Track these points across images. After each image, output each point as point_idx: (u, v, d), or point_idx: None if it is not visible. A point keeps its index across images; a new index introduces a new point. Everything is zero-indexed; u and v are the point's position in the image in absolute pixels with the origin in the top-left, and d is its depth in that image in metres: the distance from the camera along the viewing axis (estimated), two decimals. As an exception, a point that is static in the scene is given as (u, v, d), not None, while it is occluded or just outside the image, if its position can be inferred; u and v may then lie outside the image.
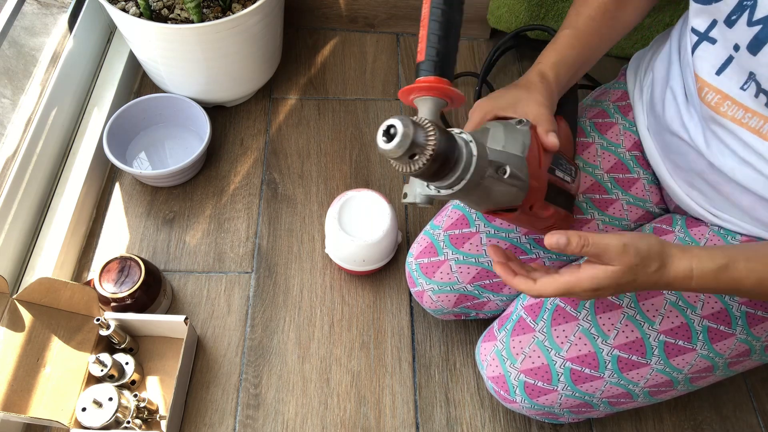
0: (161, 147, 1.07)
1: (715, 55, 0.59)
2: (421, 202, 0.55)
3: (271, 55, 1.10)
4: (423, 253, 0.79)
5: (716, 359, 0.66)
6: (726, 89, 0.59)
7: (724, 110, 0.59)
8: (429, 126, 0.47)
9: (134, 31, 0.95)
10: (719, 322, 0.65)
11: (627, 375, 0.66)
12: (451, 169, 0.50)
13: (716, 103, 0.60)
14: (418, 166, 0.47)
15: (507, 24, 1.21)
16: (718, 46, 0.59)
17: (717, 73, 0.59)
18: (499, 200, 0.55)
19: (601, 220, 0.77)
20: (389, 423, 0.86)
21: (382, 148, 0.46)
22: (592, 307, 0.68)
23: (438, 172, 0.49)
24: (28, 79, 1.01)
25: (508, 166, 0.53)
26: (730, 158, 0.61)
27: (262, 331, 0.92)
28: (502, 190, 0.54)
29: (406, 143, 0.45)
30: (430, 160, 0.46)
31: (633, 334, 0.66)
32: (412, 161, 0.47)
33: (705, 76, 0.60)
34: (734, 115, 0.59)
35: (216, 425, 0.84)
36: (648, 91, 0.74)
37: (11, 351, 0.76)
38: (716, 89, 0.60)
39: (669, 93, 0.69)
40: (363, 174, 1.09)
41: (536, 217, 0.61)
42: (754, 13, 0.54)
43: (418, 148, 0.46)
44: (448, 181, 0.50)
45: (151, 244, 0.99)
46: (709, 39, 0.60)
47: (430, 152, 0.46)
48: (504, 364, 0.70)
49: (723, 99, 0.59)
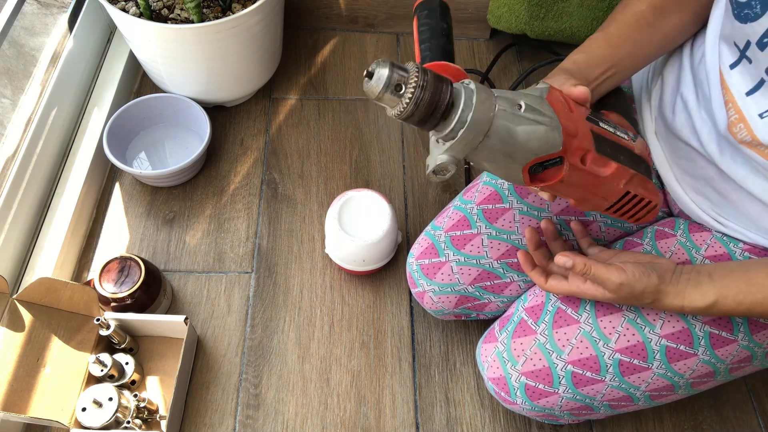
0: (161, 147, 1.07)
1: (751, 75, 0.57)
2: (442, 163, 0.48)
3: (271, 55, 1.10)
4: (424, 254, 0.79)
5: (718, 365, 0.66)
6: (747, 112, 0.57)
7: (736, 131, 0.58)
8: (411, 64, 0.46)
9: (134, 31, 0.94)
10: (721, 328, 0.65)
11: (628, 379, 0.66)
12: (450, 109, 0.46)
13: (732, 122, 0.58)
14: (406, 100, 0.45)
15: (507, 24, 1.20)
16: (753, 67, 0.57)
17: (747, 94, 0.57)
18: (532, 146, 0.49)
19: (602, 222, 0.77)
20: (389, 423, 0.86)
21: (366, 87, 0.45)
22: (593, 311, 0.68)
23: (433, 114, 0.46)
24: (28, 79, 1.01)
25: (522, 100, 0.48)
26: (743, 167, 0.60)
27: (262, 331, 0.92)
28: (527, 130, 0.48)
29: (386, 77, 0.44)
30: (417, 92, 0.44)
31: (634, 337, 0.66)
32: (400, 97, 0.45)
33: (735, 94, 0.58)
34: (743, 138, 0.58)
35: (216, 425, 0.84)
36: (657, 96, 0.74)
37: (11, 351, 0.76)
38: (738, 109, 0.57)
39: (679, 99, 0.68)
40: (363, 174, 1.09)
41: (598, 177, 0.54)
42: None
43: (401, 81, 0.44)
44: (451, 124, 0.46)
45: (151, 244, 0.99)
46: (747, 58, 0.57)
47: (413, 82, 0.44)
48: (505, 365, 0.70)
49: (739, 120, 0.57)
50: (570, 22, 1.18)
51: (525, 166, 0.50)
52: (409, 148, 1.13)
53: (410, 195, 1.08)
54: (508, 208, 0.77)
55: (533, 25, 1.19)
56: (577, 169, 0.52)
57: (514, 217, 0.76)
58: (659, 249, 0.71)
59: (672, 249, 0.70)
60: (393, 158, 1.12)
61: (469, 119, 0.46)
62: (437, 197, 1.07)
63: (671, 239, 0.71)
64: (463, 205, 0.80)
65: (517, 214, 0.76)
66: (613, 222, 0.77)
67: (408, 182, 1.09)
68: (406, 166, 1.11)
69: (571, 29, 1.19)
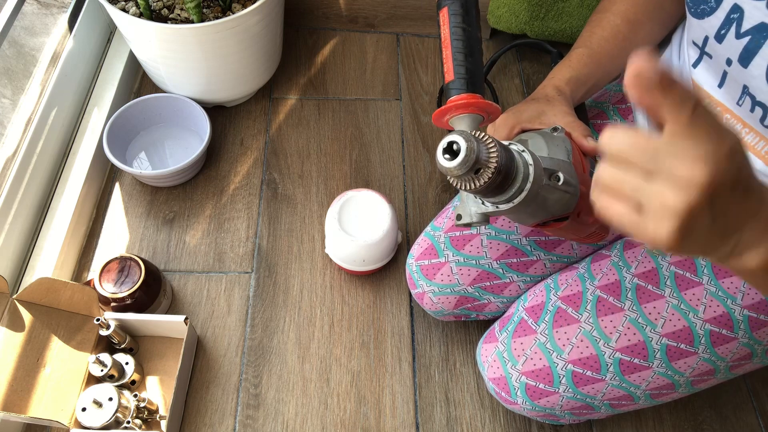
0: (161, 147, 1.07)
1: (714, 70, 0.60)
2: (477, 221, 0.53)
3: (271, 55, 1.10)
4: (424, 254, 0.79)
5: (718, 363, 0.66)
6: (726, 102, 0.59)
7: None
8: (489, 139, 0.45)
9: (134, 31, 0.94)
10: (721, 326, 0.65)
11: (629, 378, 0.66)
12: (512, 181, 0.48)
13: None
14: (482, 182, 0.45)
15: (507, 24, 1.21)
16: (714, 61, 0.59)
17: (719, 86, 0.59)
18: (554, 209, 0.53)
19: None
20: (389, 423, 0.86)
21: (445, 167, 0.44)
22: (593, 310, 0.68)
23: (500, 186, 0.47)
24: (28, 79, 1.01)
25: (560, 173, 0.51)
26: None
27: (262, 331, 0.92)
28: (557, 198, 0.52)
29: (470, 159, 0.43)
30: (494, 175, 0.44)
31: (635, 337, 0.66)
32: (476, 177, 0.45)
33: (708, 88, 0.61)
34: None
35: (216, 425, 0.84)
36: None
37: (11, 351, 0.76)
38: (717, 102, 0.60)
39: None
40: (363, 174, 1.09)
41: (582, 224, 0.59)
42: (741, 25, 0.53)
43: (481, 163, 0.44)
44: (508, 194, 0.48)
45: (151, 244, 0.99)
46: (707, 54, 0.60)
47: (494, 166, 0.44)
48: (505, 365, 0.70)
49: (723, 111, 0.59)
50: (570, 22, 1.18)
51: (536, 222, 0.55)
52: (409, 148, 1.13)
53: (410, 195, 1.08)
54: None
55: (533, 25, 1.19)
56: (577, 222, 0.56)
57: None
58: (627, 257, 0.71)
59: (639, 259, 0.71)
60: (393, 158, 1.12)
61: (525, 193, 0.48)
62: (437, 197, 1.07)
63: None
64: None
65: None
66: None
67: (408, 182, 1.09)
68: (406, 166, 1.11)
69: (571, 29, 1.19)
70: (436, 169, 1.11)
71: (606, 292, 0.69)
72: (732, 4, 0.54)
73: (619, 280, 0.69)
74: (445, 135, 0.46)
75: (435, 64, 1.27)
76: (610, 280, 0.70)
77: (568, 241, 0.77)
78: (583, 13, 1.16)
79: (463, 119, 0.55)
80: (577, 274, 0.72)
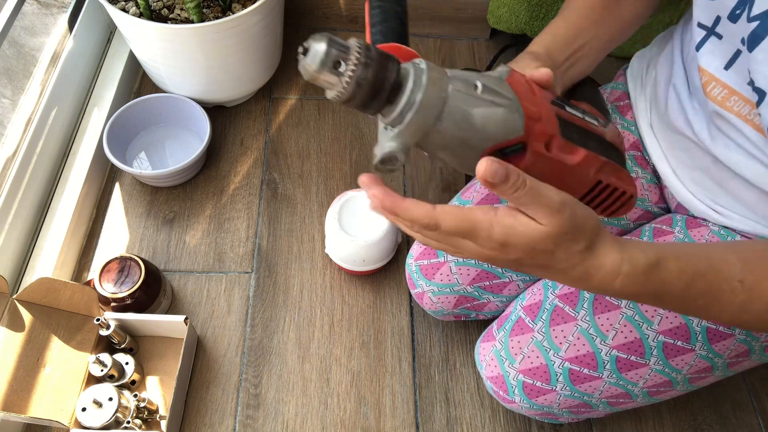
0: (161, 147, 1.07)
1: (722, 51, 0.58)
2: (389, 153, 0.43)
3: (271, 55, 1.10)
4: (423, 254, 0.79)
5: (715, 359, 0.66)
6: (734, 84, 0.58)
7: (731, 105, 0.58)
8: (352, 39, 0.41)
9: (134, 31, 0.95)
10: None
11: (626, 375, 0.66)
12: (397, 90, 0.42)
13: (723, 98, 0.59)
14: (345, 81, 0.40)
15: (507, 24, 1.20)
16: (725, 41, 0.58)
17: (726, 68, 0.58)
18: (489, 130, 0.44)
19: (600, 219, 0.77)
20: (389, 423, 0.86)
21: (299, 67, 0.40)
22: (590, 308, 0.68)
23: (378, 95, 0.41)
24: (28, 79, 1.02)
25: (478, 81, 0.44)
26: (736, 152, 0.61)
27: (262, 331, 0.92)
28: (484, 113, 0.43)
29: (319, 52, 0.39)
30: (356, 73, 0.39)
31: (632, 334, 0.66)
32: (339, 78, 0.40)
33: (713, 71, 0.59)
34: (740, 111, 0.58)
35: (216, 425, 0.85)
36: (651, 89, 0.74)
37: (11, 351, 0.76)
38: (724, 84, 0.59)
39: (672, 91, 0.69)
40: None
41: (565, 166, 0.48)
42: (751, 9, 0.53)
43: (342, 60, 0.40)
44: (399, 107, 0.41)
45: (151, 244, 0.99)
46: (716, 34, 0.59)
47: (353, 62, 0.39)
48: (503, 364, 0.70)
49: (730, 94, 0.58)
50: (570, 21, 1.18)
51: (483, 153, 0.44)
52: (408, 148, 1.13)
53: (410, 195, 1.08)
54: None
55: (533, 25, 1.19)
56: (542, 157, 0.46)
57: None
58: None
59: None
60: (393, 158, 1.12)
61: (418, 100, 0.41)
62: (437, 197, 1.07)
63: (669, 236, 0.71)
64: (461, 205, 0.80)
65: None
66: (609, 220, 0.77)
67: (408, 182, 1.09)
68: (406, 166, 1.11)
69: (571, 29, 1.19)
70: (436, 169, 1.11)
71: None
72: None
73: None
74: None
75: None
76: (607, 279, 0.70)
77: None
78: (583, 13, 1.16)
79: None
80: (576, 272, 0.72)
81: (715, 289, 0.47)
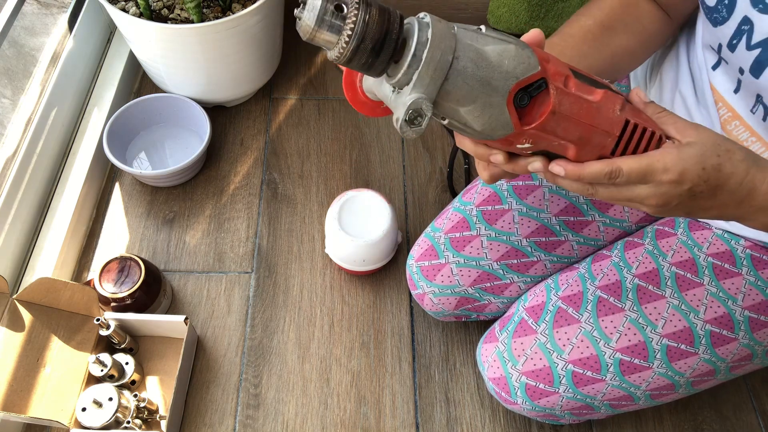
0: (161, 147, 1.07)
1: (730, 76, 0.59)
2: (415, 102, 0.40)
3: (271, 55, 1.10)
4: (424, 255, 0.79)
5: (718, 363, 0.66)
6: (738, 109, 0.59)
7: (730, 129, 0.59)
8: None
9: (134, 31, 0.94)
10: (722, 327, 0.65)
11: (629, 378, 0.66)
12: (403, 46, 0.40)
13: (725, 120, 0.60)
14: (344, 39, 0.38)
15: (507, 24, 1.21)
16: (729, 68, 0.59)
17: (735, 92, 0.59)
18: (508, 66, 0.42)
19: (601, 222, 0.77)
20: (389, 423, 0.86)
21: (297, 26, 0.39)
22: (594, 310, 0.68)
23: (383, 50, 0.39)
24: (28, 79, 1.01)
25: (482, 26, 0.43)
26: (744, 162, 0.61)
27: (262, 331, 0.92)
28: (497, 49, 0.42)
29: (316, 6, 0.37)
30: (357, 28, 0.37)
31: (636, 337, 0.66)
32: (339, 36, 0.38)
33: (723, 93, 0.60)
34: (738, 136, 0.59)
35: (216, 425, 0.84)
36: (656, 94, 0.74)
37: (11, 351, 0.76)
38: (730, 107, 0.60)
39: (678, 96, 0.68)
40: (363, 174, 1.09)
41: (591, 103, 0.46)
42: (751, 38, 0.54)
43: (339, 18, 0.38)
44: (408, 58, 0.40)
45: (151, 244, 0.99)
46: (724, 59, 0.60)
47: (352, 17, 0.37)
48: (505, 365, 0.70)
49: (733, 118, 0.59)
50: (570, 22, 1.18)
51: (509, 97, 0.43)
52: (409, 148, 1.13)
53: (410, 195, 1.08)
54: (507, 210, 0.77)
55: (533, 25, 1.19)
56: (566, 94, 0.45)
57: (514, 218, 0.76)
58: (660, 248, 0.71)
59: (674, 248, 0.70)
60: (393, 158, 1.12)
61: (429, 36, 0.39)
62: (437, 197, 1.07)
63: (672, 238, 0.71)
64: (462, 206, 0.80)
65: (516, 215, 0.76)
66: (611, 221, 0.77)
67: (408, 182, 1.09)
68: (406, 166, 1.11)
69: (571, 29, 1.19)
70: (436, 169, 1.11)
71: (606, 292, 0.69)
72: (742, 16, 0.54)
73: (620, 281, 0.69)
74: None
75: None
76: (610, 281, 0.70)
77: (568, 241, 0.77)
78: (583, 13, 1.16)
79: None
80: (578, 274, 0.72)
81: None
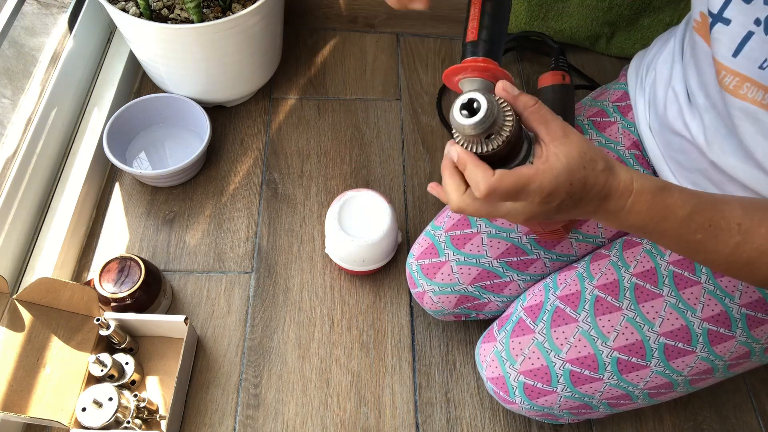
0: (161, 147, 1.07)
1: (730, 37, 0.56)
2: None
3: (271, 55, 1.10)
4: (424, 254, 0.79)
5: (716, 361, 0.66)
6: (744, 70, 0.56)
7: (744, 93, 0.57)
8: (506, 106, 0.44)
9: (134, 31, 0.95)
10: (719, 325, 0.65)
11: (626, 377, 0.66)
12: (518, 153, 0.46)
13: (735, 87, 0.57)
14: (491, 147, 0.44)
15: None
16: (734, 25, 0.56)
17: (734, 55, 0.57)
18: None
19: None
20: (389, 423, 0.86)
21: (461, 124, 0.43)
22: (592, 309, 0.68)
23: (507, 157, 0.46)
24: (28, 79, 1.01)
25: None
26: (732, 156, 0.61)
27: (262, 331, 0.92)
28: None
29: (488, 121, 0.42)
30: (504, 144, 0.43)
31: (633, 336, 0.66)
32: (487, 141, 0.44)
33: (721, 59, 0.58)
34: (754, 97, 0.56)
35: (216, 425, 0.85)
36: (650, 90, 0.74)
37: (11, 351, 0.76)
38: (734, 72, 0.57)
39: (671, 92, 0.68)
40: (363, 174, 1.09)
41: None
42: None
43: (496, 127, 0.43)
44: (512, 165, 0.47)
45: (151, 244, 0.99)
46: (723, 20, 0.57)
47: (506, 135, 0.43)
48: (503, 365, 0.70)
49: (742, 81, 0.57)
50: (570, 22, 1.18)
51: None
52: (409, 148, 1.13)
53: (410, 195, 1.08)
54: None
55: (533, 25, 1.19)
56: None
57: None
58: (659, 247, 0.71)
59: None
60: (393, 158, 1.12)
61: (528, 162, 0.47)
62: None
63: None
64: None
65: None
66: None
67: (408, 182, 1.09)
68: (406, 166, 1.11)
69: (571, 29, 1.19)
70: (436, 169, 1.11)
71: (604, 291, 0.69)
72: None
73: (618, 280, 0.69)
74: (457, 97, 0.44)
75: (435, 64, 1.27)
76: (608, 280, 0.70)
77: (567, 239, 0.77)
78: (583, 13, 1.16)
79: (475, 82, 0.52)
80: (576, 273, 0.72)
81: (714, 225, 0.49)
